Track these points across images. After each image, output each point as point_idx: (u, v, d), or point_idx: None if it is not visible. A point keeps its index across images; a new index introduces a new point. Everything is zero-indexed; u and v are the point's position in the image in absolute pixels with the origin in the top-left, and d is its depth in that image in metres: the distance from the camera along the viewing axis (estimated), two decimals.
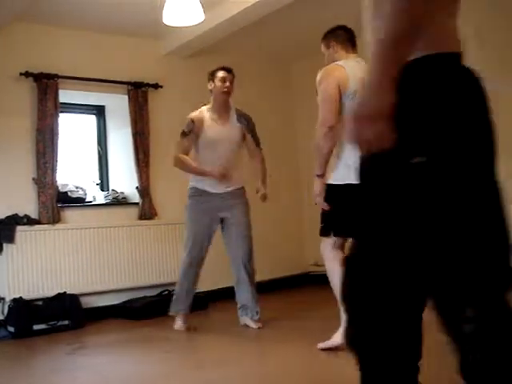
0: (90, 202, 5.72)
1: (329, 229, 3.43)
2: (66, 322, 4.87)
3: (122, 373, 3.38)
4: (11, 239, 4.97)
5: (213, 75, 4.44)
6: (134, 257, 5.63)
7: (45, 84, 5.27)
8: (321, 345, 3.42)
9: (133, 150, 5.76)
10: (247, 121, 4.53)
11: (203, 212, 4.42)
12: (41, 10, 5.08)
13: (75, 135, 6.05)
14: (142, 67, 6.00)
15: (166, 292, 5.56)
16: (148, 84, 5.94)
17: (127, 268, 5.58)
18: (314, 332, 3.88)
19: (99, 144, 6.15)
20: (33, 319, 4.74)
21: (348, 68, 3.41)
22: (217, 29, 5.47)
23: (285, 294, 4.28)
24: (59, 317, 4.85)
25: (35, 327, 4.73)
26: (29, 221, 5.13)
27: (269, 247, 6.09)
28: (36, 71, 5.25)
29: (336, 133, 3.30)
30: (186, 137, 4.37)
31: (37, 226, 5.14)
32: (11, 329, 4.69)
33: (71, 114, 5.98)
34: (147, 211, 5.77)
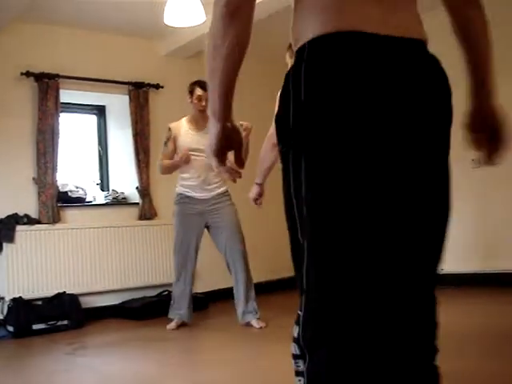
0: (90, 202, 5.72)
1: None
2: (66, 322, 4.86)
3: (121, 373, 3.38)
4: (11, 239, 4.97)
5: (191, 91, 4.68)
6: (134, 257, 5.62)
7: (45, 84, 5.27)
8: None
9: (133, 151, 5.76)
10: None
11: (190, 217, 4.57)
12: (42, 10, 5.08)
13: (76, 135, 6.05)
14: (143, 67, 6.00)
15: (166, 292, 5.55)
16: (149, 84, 5.94)
17: (127, 268, 5.57)
18: None
19: (100, 144, 6.15)
20: (32, 319, 4.73)
21: None
22: None
23: (285, 295, 4.28)
24: (58, 317, 4.84)
25: (34, 327, 4.72)
26: (29, 220, 5.12)
27: (268, 248, 6.08)
28: (37, 71, 5.24)
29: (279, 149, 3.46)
30: (166, 144, 4.69)
31: (37, 226, 5.14)
32: (10, 328, 4.68)
33: (72, 114, 5.98)
34: (147, 211, 5.76)
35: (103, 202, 5.77)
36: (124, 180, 6.00)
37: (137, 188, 5.77)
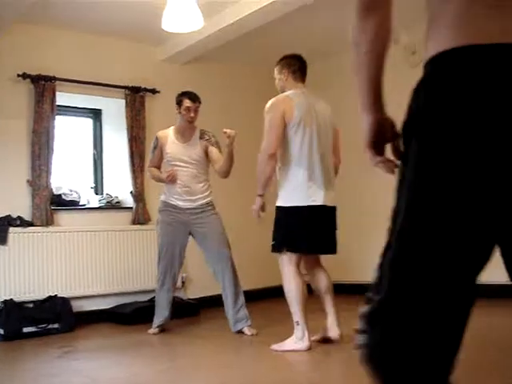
0: (84, 206, 5.71)
1: (281, 246, 3.73)
2: (56, 326, 4.84)
3: (112, 377, 3.36)
4: (3, 240, 4.95)
5: (180, 102, 4.61)
6: (126, 261, 5.61)
7: (42, 86, 5.26)
8: (274, 346, 3.67)
9: (128, 155, 5.76)
10: (209, 136, 4.68)
11: (173, 225, 4.60)
12: (40, 12, 5.08)
13: (71, 138, 6.04)
14: (140, 72, 6.00)
15: None
16: (145, 89, 5.95)
17: (119, 272, 5.56)
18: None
19: (95, 147, 6.14)
20: (23, 322, 4.71)
21: (295, 99, 3.75)
22: (215, 36, 5.49)
23: (276, 303, 4.28)
24: (49, 320, 4.82)
25: (25, 330, 4.70)
26: (22, 222, 5.11)
27: (261, 257, 6.07)
28: (33, 73, 5.24)
29: (275, 159, 3.73)
30: (153, 152, 4.76)
31: (30, 228, 5.12)
32: (1, 331, 4.65)
33: (68, 117, 5.97)
34: (141, 216, 5.76)
35: (97, 206, 5.77)
36: (118, 184, 5.99)
37: (131, 192, 5.77)
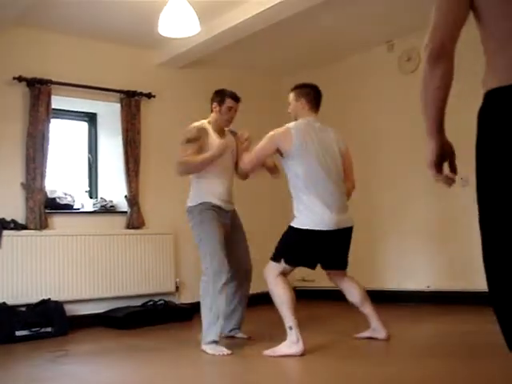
0: (78, 209, 5.70)
1: (281, 257, 3.82)
2: (49, 329, 4.82)
3: (104, 381, 3.35)
4: None
5: (221, 100, 4.32)
6: (120, 266, 5.60)
7: (38, 89, 5.26)
8: (267, 352, 3.66)
9: (123, 159, 5.76)
10: (236, 133, 4.49)
11: (219, 225, 4.11)
12: (36, 16, 5.09)
13: (66, 142, 6.03)
14: (136, 76, 6.01)
15: (151, 302, 5.54)
16: (141, 93, 5.95)
17: (113, 277, 5.55)
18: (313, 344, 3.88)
19: (90, 151, 6.14)
20: (16, 325, 4.69)
21: (295, 130, 3.92)
22: (211, 41, 5.51)
23: (272, 308, 4.28)
24: (42, 324, 4.80)
25: (18, 333, 4.68)
26: (16, 226, 5.10)
27: (257, 262, 6.07)
28: (29, 76, 5.24)
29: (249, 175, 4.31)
30: (190, 143, 4.09)
31: (24, 232, 5.11)
32: None
33: (63, 120, 5.97)
34: (135, 220, 5.75)
35: (91, 210, 5.76)
36: (113, 188, 5.99)
37: (125, 197, 5.76)
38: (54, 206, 5.45)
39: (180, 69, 6.33)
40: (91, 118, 6.17)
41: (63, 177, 5.88)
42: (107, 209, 5.80)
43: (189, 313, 5.57)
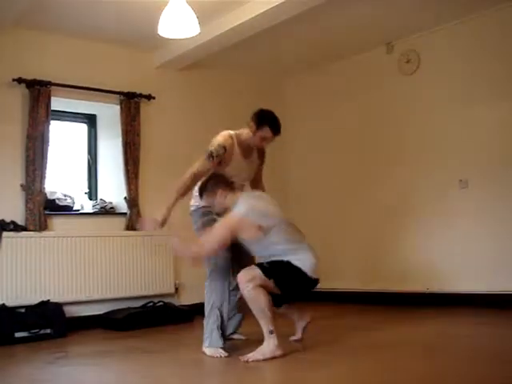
0: (78, 211, 5.70)
1: (273, 276, 3.66)
2: (49, 331, 4.82)
3: (104, 383, 3.35)
4: None
5: (261, 126, 3.95)
6: (120, 267, 5.60)
7: (37, 91, 5.26)
8: (251, 356, 3.56)
9: (123, 161, 5.76)
10: (263, 156, 4.35)
11: None
12: (35, 17, 5.09)
13: (66, 143, 6.03)
14: (136, 78, 6.01)
15: (151, 304, 5.54)
16: (141, 95, 5.95)
17: (112, 278, 5.55)
18: (298, 345, 3.88)
19: (89, 153, 6.14)
20: (15, 327, 4.69)
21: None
22: (211, 43, 5.51)
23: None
24: (42, 325, 4.80)
25: (17, 335, 4.68)
26: (15, 227, 5.09)
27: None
28: (29, 77, 5.24)
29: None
30: (212, 160, 3.88)
31: (23, 233, 5.11)
32: None
33: (62, 122, 5.96)
34: (134, 222, 5.75)
35: (91, 211, 5.76)
36: (112, 190, 5.99)
37: (125, 198, 5.76)
38: (54, 208, 5.45)
39: (180, 70, 6.33)
40: (91, 120, 6.17)
41: (63, 178, 5.88)
42: (107, 210, 5.80)
43: (188, 314, 5.57)
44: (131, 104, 5.88)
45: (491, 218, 5.41)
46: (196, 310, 5.68)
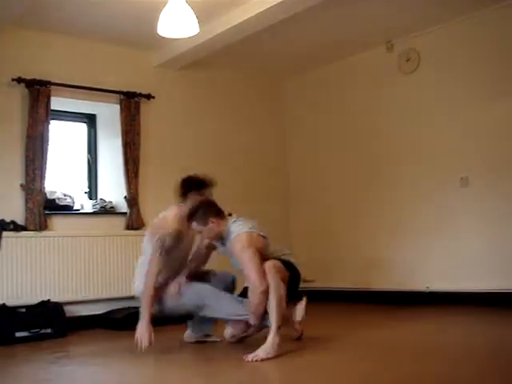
0: (78, 210, 5.70)
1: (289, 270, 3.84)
2: (49, 331, 4.82)
3: (104, 383, 3.35)
4: None
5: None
6: (120, 267, 5.60)
7: (37, 90, 5.26)
8: (259, 354, 3.52)
9: (122, 160, 5.76)
10: None
11: None
12: (36, 17, 5.09)
13: (65, 143, 6.03)
14: (135, 77, 6.01)
15: None
16: (140, 94, 5.95)
17: (112, 278, 5.55)
18: (297, 345, 3.88)
19: (89, 152, 6.14)
20: (15, 326, 4.69)
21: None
22: (210, 42, 5.51)
23: None
24: (42, 325, 4.80)
25: (17, 334, 4.68)
26: (15, 227, 5.09)
27: None
28: (28, 77, 5.24)
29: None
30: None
31: (23, 233, 5.11)
32: None
33: (62, 122, 5.96)
34: (135, 221, 5.75)
35: (91, 211, 5.76)
36: (112, 189, 5.99)
37: (125, 197, 5.76)
38: (54, 207, 5.45)
39: (179, 70, 6.33)
40: (90, 119, 6.17)
41: (63, 178, 5.88)
42: (107, 210, 5.80)
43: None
44: (131, 103, 5.88)
45: (492, 216, 5.41)
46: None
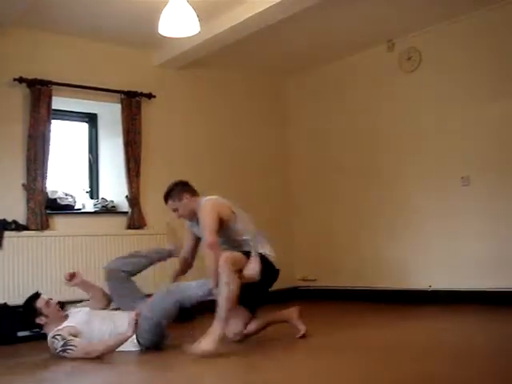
0: (79, 210, 5.70)
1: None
2: None
3: (106, 382, 3.35)
4: None
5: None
6: None
7: (38, 90, 5.26)
8: (202, 347, 3.67)
9: (124, 159, 5.76)
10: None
11: None
12: (37, 17, 5.09)
13: (67, 142, 6.04)
14: (136, 77, 6.01)
15: None
16: (141, 93, 5.95)
17: None
18: (299, 344, 3.88)
19: (90, 152, 6.14)
20: (17, 326, 4.69)
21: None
22: (211, 41, 5.51)
23: (275, 308, 4.32)
24: (42, 328, 4.79)
25: (19, 334, 4.69)
26: (17, 226, 5.10)
27: None
28: (30, 77, 5.24)
29: None
30: None
31: (25, 232, 5.11)
32: None
33: (63, 121, 5.97)
34: (136, 221, 5.75)
35: (92, 210, 5.76)
36: (114, 188, 5.99)
37: (126, 197, 5.76)
38: (55, 207, 5.45)
39: (180, 69, 6.33)
40: (92, 119, 6.17)
41: (64, 177, 5.88)
42: (108, 209, 5.80)
43: (189, 313, 5.55)
44: (132, 103, 5.89)
45: (493, 215, 5.41)
46: (197, 309, 5.68)
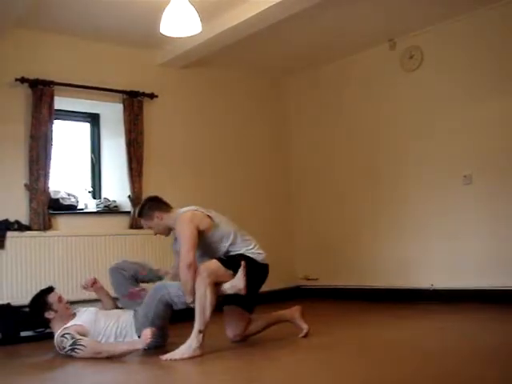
0: (82, 210, 5.71)
1: (230, 268, 3.81)
2: None
3: (109, 382, 3.36)
4: (1, 245, 4.95)
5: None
6: None
7: (40, 90, 5.27)
8: (167, 356, 3.67)
9: (126, 159, 5.77)
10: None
11: None
12: (39, 17, 5.09)
13: (69, 142, 6.04)
14: (138, 76, 6.01)
15: None
16: (143, 93, 5.95)
17: None
18: (300, 343, 3.88)
19: (93, 152, 6.15)
20: (20, 326, 4.70)
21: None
22: (213, 41, 5.50)
23: (277, 307, 4.32)
24: (47, 324, 4.80)
25: (22, 334, 4.70)
26: (19, 227, 5.10)
27: None
28: (32, 77, 5.25)
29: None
30: None
31: (27, 233, 5.12)
32: None
33: (65, 121, 5.97)
34: (139, 220, 5.75)
35: (95, 210, 5.77)
36: (116, 188, 5.99)
37: (129, 197, 5.77)
38: (58, 207, 5.46)
39: (182, 68, 6.33)
40: (94, 119, 6.17)
41: (66, 177, 5.89)
42: (110, 209, 5.81)
43: (189, 312, 5.55)
44: (134, 103, 5.89)
45: (495, 214, 5.40)
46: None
